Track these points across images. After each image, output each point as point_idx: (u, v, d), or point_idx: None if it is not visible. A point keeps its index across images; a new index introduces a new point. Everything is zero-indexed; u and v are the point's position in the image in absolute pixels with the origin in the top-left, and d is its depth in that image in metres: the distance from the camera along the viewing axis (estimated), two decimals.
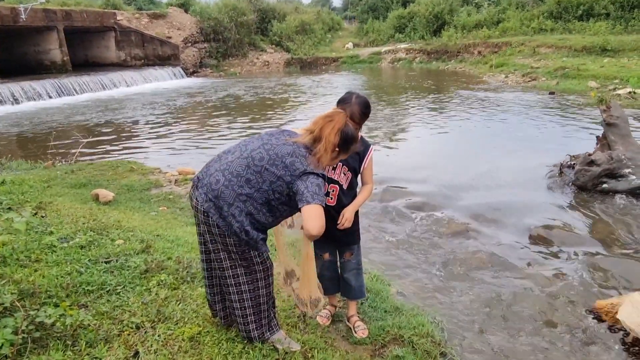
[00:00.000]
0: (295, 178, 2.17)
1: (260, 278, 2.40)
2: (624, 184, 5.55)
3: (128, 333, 2.56)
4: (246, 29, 28.10)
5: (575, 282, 3.92)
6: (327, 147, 2.22)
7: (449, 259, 4.41)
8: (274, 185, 2.20)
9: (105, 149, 9.55)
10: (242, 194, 2.20)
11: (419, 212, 5.54)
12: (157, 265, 3.35)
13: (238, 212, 2.19)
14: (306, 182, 2.15)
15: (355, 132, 2.36)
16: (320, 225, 2.09)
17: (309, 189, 2.13)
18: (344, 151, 2.31)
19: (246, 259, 2.32)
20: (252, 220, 2.23)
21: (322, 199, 2.15)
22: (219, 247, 2.31)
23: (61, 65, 19.90)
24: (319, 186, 2.17)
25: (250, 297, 2.42)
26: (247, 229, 2.21)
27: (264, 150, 2.24)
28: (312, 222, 2.08)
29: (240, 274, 2.36)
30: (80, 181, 6.32)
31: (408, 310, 3.26)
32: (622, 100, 11.17)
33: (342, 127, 2.25)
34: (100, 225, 4.19)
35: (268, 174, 2.19)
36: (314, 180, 2.16)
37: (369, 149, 2.72)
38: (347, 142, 2.28)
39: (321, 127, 2.25)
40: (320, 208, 2.12)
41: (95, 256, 3.47)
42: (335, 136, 2.23)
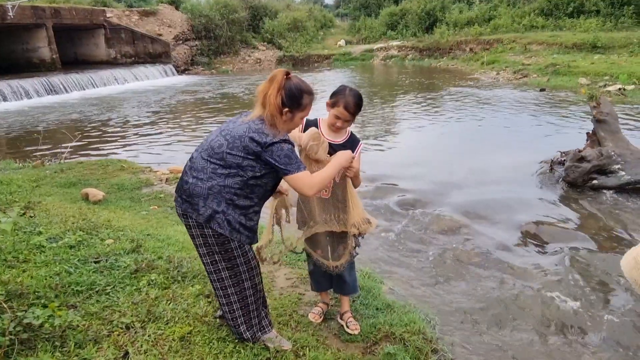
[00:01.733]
0: (260, 153, 2.14)
1: (245, 278, 2.38)
2: (613, 180, 5.60)
3: (118, 333, 2.54)
4: (238, 26, 27.94)
5: (566, 278, 3.94)
6: (273, 111, 2.15)
7: (441, 256, 4.42)
8: (243, 166, 2.18)
9: (95, 147, 9.47)
10: (213, 185, 2.19)
11: (411, 209, 5.55)
12: (147, 265, 3.32)
13: (216, 203, 2.19)
14: (272, 156, 2.13)
15: (302, 84, 2.23)
16: (310, 187, 2.17)
17: (279, 161, 2.13)
18: (297, 108, 2.21)
19: (229, 259, 2.30)
20: (235, 207, 2.21)
21: (296, 165, 2.14)
22: (205, 251, 2.31)
23: (50, 63, 19.68)
24: (288, 155, 2.13)
25: (237, 299, 2.41)
26: (228, 219, 2.20)
27: (221, 137, 2.23)
28: (303, 191, 2.18)
29: (225, 276, 2.35)
30: (69, 180, 6.26)
31: (400, 308, 3.26)
32: (612, 96, 11.26)
33: (282, 86, 2.16)
34: (90, 224, 4.15)
35: (232, 158, 2.17)
36: (278, 151, 2.13)
37: (358, 143, 2.74)
38: (293, 97, 2.18)
39: (265, 93, 2.17)
40: (299, 175, 2.14)
41: (85, 256, 3.44)
42: (277, 97, 2.15)
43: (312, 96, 2.26)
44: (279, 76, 2.17)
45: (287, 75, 2.19)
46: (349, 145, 2.67)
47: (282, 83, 2.16)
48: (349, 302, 3.10)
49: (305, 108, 2.25)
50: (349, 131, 2.74)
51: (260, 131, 2.15)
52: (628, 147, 5.78)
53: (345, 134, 2.71)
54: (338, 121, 2.58)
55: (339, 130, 2.66)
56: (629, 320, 3.41)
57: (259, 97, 2.20)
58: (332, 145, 2.63)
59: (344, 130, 2.69)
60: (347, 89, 2.59)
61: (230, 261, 2.31)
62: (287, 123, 2.24)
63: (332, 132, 2.66)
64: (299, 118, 2.27)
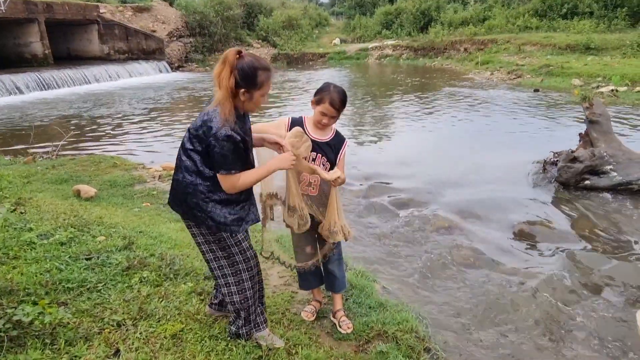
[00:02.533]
0: (209, 146, 2.12)
1: (243, 269, 2.38)
2: (605, 181, 5.64)
3: (109, 331, 2.52)
4: (232, 23, 27.84)
5: (557, 278, 3.96)
6: (225, 93, 2.09)
7: (434, 255, 4.43)
8: (206, 160, 2.17)
9: (88, 144, 9.39)
10: (187, 184, 2.21)
11: (405, 208, 5.55)
12: (139, 262, 3.30)
13: (195, 203, 2.21)
14: (212, 149, 2.11)
15: (255, 61, 2.14)
16: (231, 188, 2.17)
17: (215, 157, 2.12)
18: (253, 87, 2.14)
19: (224, 248, 2.31)
20: (215, 203, 2.22)
21: (228, 167, 2.12)
22: (201, 240, 2.33)
23: (42, 58, 19.49)
24: (225, 155, 2.10)
25: (237, 290, 2.41)
26: (212, 216, 2.21)
27: (187, 132, 2.24)
28: (224, 188, 2.18)
29: (224, 265, 2.37)
30: (61, 177, 6.20)
31: (392, 306, 3.26)
32: (604, 98, 11.34)
33: (234, 66, 2.08)
34: (82, 221, 4.12)
35: (194, 154, 2.18)
36: (218, 148, 2.09)
37: (343, 142, 2.76)
38: (247, 76, 2.10)
39: (218, 76, 2.11)
40: (227, 176, 2.14)
41: (76, 253, 3.41)
42: (230, 78, 2.08)
43: (269, 72, 2.17)
44: (231, 56, 2.08)
45: (240, 54, 2.13)
46: (335, 143, 2.70)
47: (234, 63, 2.09)
48: (342, 300, 3.10)
49: (262, 86, 2.16)
50: (334, 129, 2.75)
51: (209, 121, 2.12)
52: (620, 148, 5.82)
53: (330, 132, 2.72)
54: (324, 118, 2.59)
55: (325, 127, 2.67)
56: (619, 321, 3.43)
57: (215, 81, 2.13)
58: (318, 143, 2.64)
59: (329, 128, 2.71)
60: (331, 85, 2.60)
61: (226, 250, 2.32)
62: (247, 103, 2.19)
63: (318, 129, 2.67)
64: (258, 96, 2.19)
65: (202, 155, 2.17)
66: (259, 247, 2.86)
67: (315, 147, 2.62)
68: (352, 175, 6.85)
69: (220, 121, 2.09)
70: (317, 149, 2.64)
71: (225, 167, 2.12)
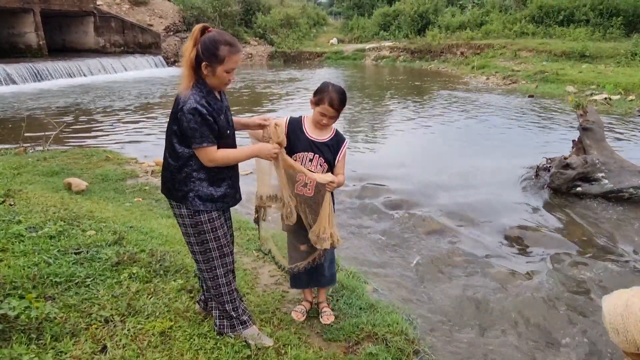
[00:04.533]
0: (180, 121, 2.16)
1: (215, 257, 2.40)
2: (597, 188, 5.67)
3: (96, 327, 2.49)
4: (230, 20, 27.73)
5: (547, 283, 3.98)
6: (185, 66, 2.13)
7: (425, 258, 4.43)
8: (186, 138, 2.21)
9: (80, 137, 9.30)
10: (174, 166, 2.27)
11: (397, 210, 5.55)
12: (129, 258, 3.27)
13: (184, 183, 2.26)
14: (181, 123, 2.15)
15: (218, 36, 2.15)
16: (210, 160, 2.20)
17: (186, 131, 2.14)
18: (215, 61, 2.13)
19: (200, 233, 2.34)
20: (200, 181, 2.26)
21: (200, 140, 2.14)
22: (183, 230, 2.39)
23: (37, 49, 19.30)
24: (193, 128, 2.12)
25: (209, 277, 2.44)
26: (199, 194, 2.27)
27: (169, 118, 2.28)
28: (204, 162, 2.21)
29: (195, 251, 2.40)
30: (52, 169, 6.15)
31: (383, 308, 3.26)
32: (598, 105, 11.42)
33: (197, 40, 2.11)
34: (72, 215, 4.08)
35: (173, 136, 2.24)
36: (186, 121, 2.12)
37: (343, 142, 2.74)
38: (208, 50, 2.11)
39: (185, 49, 2.14)
40: (202, 150, 2.17)
41: (65, 247, 3.38)
42: (192, 51, 2.10)
43: (232, 48, 2.14)
44: (196, 31, 2.13)
45: (206, 29, 2.16)
46: (334, 143, 2.68)
47: (198, 37, 2.13)
48: (326, 293, 3.16)
49: (225, 61, 2.13)
50: (334, 129, 2.74)
51: (179, 97, 2.17)
52: (612, 155, 5.86)
53: (330, 131, 2.71)
54: (324, 118, 2.58)
55: (325, 128, 2.66)
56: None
57: (183, 57, 2.19)
58: (316, 144, 2.64)
59: (329, 128, 2.69)
60: (329, 85, 2.60)
61: (200, 236, 2.35)
62: (210, 78, 2.19)
63: (316, 129, 2.66)
64: (221, 72, 2.16)
65: (178, 135, 2.21)
66: (255, 245, 2.85)
67: (313, 147, 2.60)
68: (346, 176, 6.82)
69: (184, 95, 2.14)
70: (315, 149, 2.62)
71: (196, 140, 2.15)
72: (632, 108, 11.46)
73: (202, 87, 2.18)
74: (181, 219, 2.35)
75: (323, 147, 2.65)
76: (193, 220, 2.31)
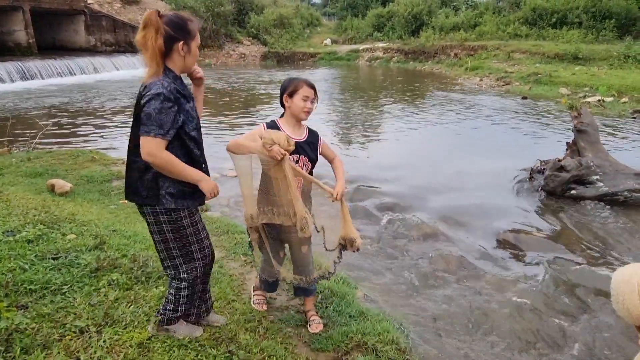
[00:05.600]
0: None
1: (195, 249, 2.31)
2: (591, 191, 5.60)
3: (70, 338, 2.36)
4: (223, 19, 27.56)
5: (542, 289, 3.90)
6: (150, 54, 2.00)
7: (418, 263, 4.33)
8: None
9: (67, 137, 9.11)
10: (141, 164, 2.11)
11: (389, 213, 5.45)
12: (109, 264, 3.14)
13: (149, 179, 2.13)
14: (143, 108, 2.01)
15: (180, 13, 2.12)
16: (148, 154, 1.99)
17: (143, 117, 2.00)
18: (189, 36, 2.08)
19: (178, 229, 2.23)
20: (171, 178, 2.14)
21: (148, 128, 1.98)
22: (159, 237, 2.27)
23: (26, 47, 19.05)
24: (148, 114, 1.98)
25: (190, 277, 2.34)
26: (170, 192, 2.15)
27: (134, 113, 2.17)
28: (142, 153, 2.00)
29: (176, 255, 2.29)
30: (36, 170, 5.98)
31: (373, 316, 3.15)
32: (591, 107, 11.39)
33: (160, 25, 1.99)
34: (52, 218, 3.94)
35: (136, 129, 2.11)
36: (147, 107, 1.99)
37: (318, 136, 2.73)
38: (181, 26, 2.06)
39: (142, 42, 2.01)
40: (148, 140, 1.98)
41: (43, 252, 3.24)
42: (158, 38, 1.99)
43: (195, 21, 2.13)
44: (153, 17, 2.00)
45: (159, 13, 2.06)
46: (311, 140, 2.66)
47: (158, 22, 2.00)
48: (313, 300, 3.07)
49: (196, 35, 2.12)
50: (306, 127, 2.70)
51: (145, 86, 2.04)
52: (607, 158, 5.80)
53: (304, 130, 2.68)
54: (307, 102, 2.56)
55: (309, 114, 2.60)
56: (602, 333, 3.36)
57: (142, 49, 2.04)
58: (299, 144, 2.57)
59: (302, 127, 2.67)
60: (293, 77, 2.63)
61: (180, 232, 2.23)
62: (188, 57, 2.12)
63: (294, 129, 2.62)
64: (195, 47, 2.13)
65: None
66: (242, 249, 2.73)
67: (297, 147, 2.50)
68: None
69: (151, 83, 2.01)
70: (299, 149, 2.54)
71: (145, 126, 1.98)
72: (626, 110, 11.46)
73: (169, 74, 2.08)
74: (156, 225, 2.22)
75: (305, 146, 2.61)
76: (171, 219, 2.18)
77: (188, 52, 2.10)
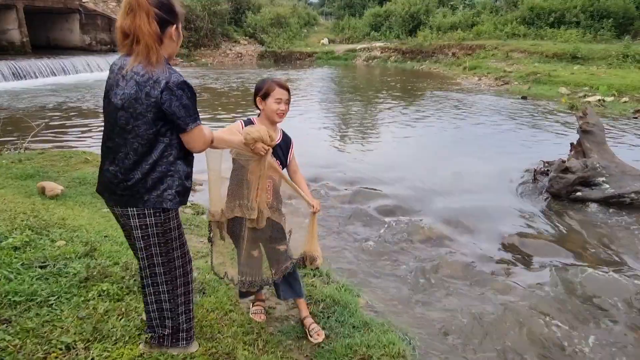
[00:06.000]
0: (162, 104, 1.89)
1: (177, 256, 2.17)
2: (597, 193, 5.47)
3: (55, 355, 2.20)
4: (219, 18, 27.37)
5: (551, 296, 3.76)
6: (150, 42, 1.82)
7: (422, 268, 4.18)
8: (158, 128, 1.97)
9: (60, 137, 8.90)
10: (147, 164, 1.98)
11: (391, 216, 5.30)
12: (100, 272, 2.97)
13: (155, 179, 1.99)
14: (170, 108, 1.88)
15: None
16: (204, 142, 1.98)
17: (176, 113, 1.88)
18: (177, 19, 1.96)
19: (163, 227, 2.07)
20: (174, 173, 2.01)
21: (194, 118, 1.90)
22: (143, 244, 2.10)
23: (20, 46, 18.79)
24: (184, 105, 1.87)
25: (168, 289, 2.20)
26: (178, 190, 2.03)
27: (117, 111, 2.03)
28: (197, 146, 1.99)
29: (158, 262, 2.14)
30: (27, 172, 5.79)
31: (378, 326, 3.00)
32: (592, 107, 11.27)
33: (149, 8, 1.83)
34: (41, 223, 3.76)
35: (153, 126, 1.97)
36: (173, 102, 1.86)
37: (291, 141, 2.69)
38: (170, 9, 1.91)
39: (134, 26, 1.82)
40: (198, 130, 1.94)
41: (30, 260, 3.07)
42: (151, 23, 1.82)
43: (179, 3, 2.01)
44: (142, 0, 1.82)
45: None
46: (283, 144, 2.61)
47: (147, 5, 1.83)
48: (306, 305, 2.94)
49: (182, 17, 2.01)
50: (281, 130, 2.64)
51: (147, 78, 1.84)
52: (613, 159, 5.67)
53: (279, 132, 2.62)
54: (281, 104, 2.48)
55: (283, 116, 2.52)
56: (617, 343, 3.23)
57: (124, 40, 1.87)
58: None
59: (278, 129, 2.61)
60: (265, 78, 2.56)
61: (166, 235, 2.06)
62: (178, 41, 2.00)
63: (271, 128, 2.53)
64: (182, 30, 2.04)
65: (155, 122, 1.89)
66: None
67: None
68: (337, 179, 6.59)
69: (156, 72, 1.83)
70: (272, 151, 2.44)
71: (190, 118, 1.88)
72: (627, 110, 11.35)
73: (165, 62, 1.92)
74: (145, 229, 2.01)
75: (277, 149, 2.54)
76: (162, 221, 2.01)
77: (177, 37, 1.97)
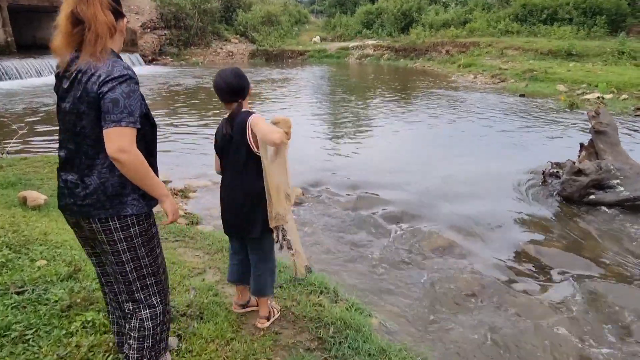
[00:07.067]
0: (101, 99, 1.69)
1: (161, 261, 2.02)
2: (612, 196, 5.22)
3: None
4: (210, 17, 26.91)
5: (574, 312, 3.49)
6: (104, 32, 1.67)
7: (434, 281, 3.90)
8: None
9: (45, 142, 8.48)
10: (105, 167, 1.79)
11: (398, 223, 5.01)
12: (84, 299, 2.66)
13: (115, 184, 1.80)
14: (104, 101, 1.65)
15: None
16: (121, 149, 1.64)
17: (107, 108, 1.65)
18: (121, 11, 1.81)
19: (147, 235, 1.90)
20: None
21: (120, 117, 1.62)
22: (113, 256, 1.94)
23: (4, 46, 18.26)
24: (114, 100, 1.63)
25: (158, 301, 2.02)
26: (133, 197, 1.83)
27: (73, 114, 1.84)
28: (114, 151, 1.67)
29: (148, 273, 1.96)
30: (8, 179, 5.43)
31: (395, 352, 2.72)
32: (592, 105, 11.09)
33: (103, 1, 1.70)
34: (21, 239, 3.44)
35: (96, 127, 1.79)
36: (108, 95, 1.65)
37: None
38: (119, 3, 1.80)
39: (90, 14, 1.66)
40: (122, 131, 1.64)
41: (6, 284, 2.75)
42: (107, 13, 1.69)
43: None
44: None
45: None
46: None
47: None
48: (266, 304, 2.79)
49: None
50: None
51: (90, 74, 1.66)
52: (627, 160, 5.43)
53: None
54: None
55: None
56: None
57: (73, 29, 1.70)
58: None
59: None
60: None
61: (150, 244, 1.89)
62: (122, 36, 1.84)
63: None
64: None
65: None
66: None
67: None
68: (338, 184, 6.30)
69: (99, 65, 1.66)
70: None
71: (112, 115, 1.63)
72: (628, 107, 11.17)
73: (115, 56, 1.75)
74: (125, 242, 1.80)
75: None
76: (142, 228, 1.83)
77: (124, 29, 1.85)
